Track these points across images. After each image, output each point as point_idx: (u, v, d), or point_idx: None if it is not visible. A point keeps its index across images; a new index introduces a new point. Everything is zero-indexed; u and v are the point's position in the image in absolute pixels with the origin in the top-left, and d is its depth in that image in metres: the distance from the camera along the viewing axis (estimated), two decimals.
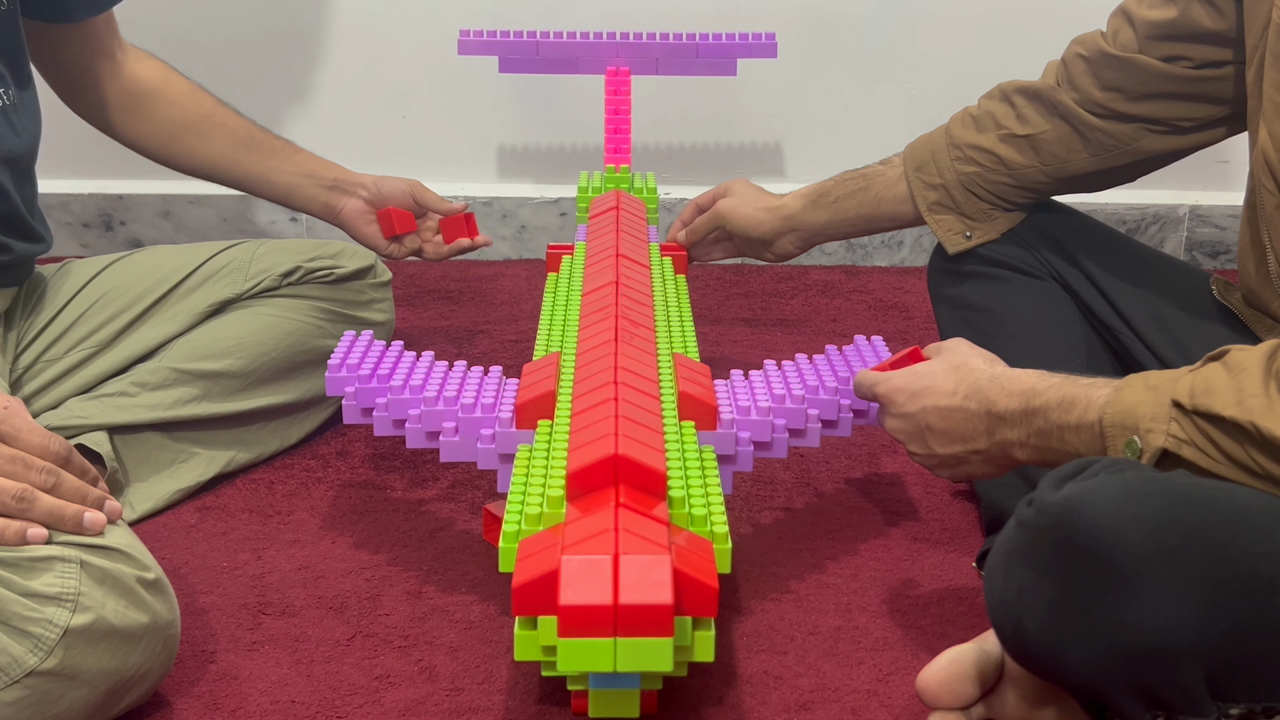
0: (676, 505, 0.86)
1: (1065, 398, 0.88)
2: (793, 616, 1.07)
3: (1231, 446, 0.78)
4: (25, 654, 0.82)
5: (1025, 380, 0.92)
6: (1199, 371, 0.81)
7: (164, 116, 1.39)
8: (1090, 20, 1.94)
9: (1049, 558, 0.74)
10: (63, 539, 0.86)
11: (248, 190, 1.46)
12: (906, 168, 1.27)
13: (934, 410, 0.96)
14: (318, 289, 1.35)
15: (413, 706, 0.95)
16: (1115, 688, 0.73)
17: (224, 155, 1.42)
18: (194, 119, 1.40)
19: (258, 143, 1.43)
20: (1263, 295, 1.06)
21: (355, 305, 1.39)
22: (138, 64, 1.39)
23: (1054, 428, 0.88)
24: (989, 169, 1.21)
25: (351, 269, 1.38)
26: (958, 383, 0.96)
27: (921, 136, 1.29)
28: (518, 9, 1.87)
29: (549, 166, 1.96)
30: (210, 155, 1.42)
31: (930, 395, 0.97)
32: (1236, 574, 0.70)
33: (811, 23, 1.89)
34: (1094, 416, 0.85)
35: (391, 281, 1.44)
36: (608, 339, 1.06)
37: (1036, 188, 1.21)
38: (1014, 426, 0.92)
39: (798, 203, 1.35)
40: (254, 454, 1.31)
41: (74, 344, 1.26)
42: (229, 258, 1.33)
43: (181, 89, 1.41)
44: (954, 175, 1.23)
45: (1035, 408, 0.90)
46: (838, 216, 1.33)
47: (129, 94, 1.38)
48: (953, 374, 0.96)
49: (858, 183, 1.32)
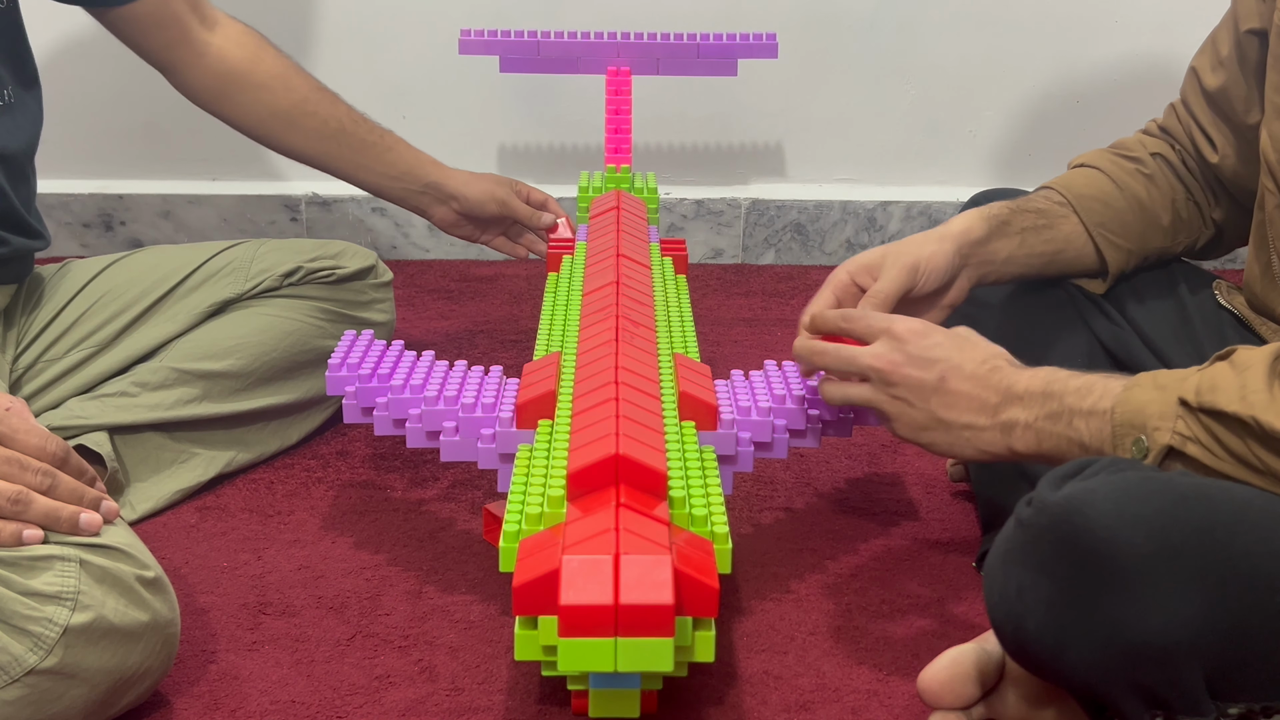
0: (677, 505, 0.86)
1: (1084, 384, 0.88)
2: (793, 616, 1.07)
3: (1234, 442, 0.78)
4: (25, 652, 0.82)
5: (1046, 368, 0.91)
6: (1206, 370, 0.82)
7: (253, 101, 1.36)
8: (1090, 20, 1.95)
9: (1049, 557, 0.74)
10: (62, 538, 0.86)
11: (344, 180, 1.44)
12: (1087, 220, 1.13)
13: (957, 368, 0.92)
14: (319, 289, 1.35)
15: (413, 706, 0.95)
16: (1115, 687, 0.73)
17: (312, 146, 1.39)
18: (284, 106, 1.37)
19: (348, 135, 1.39)
20: (1268, 298, 1.06)
21: (356, 305, 1.39)
22: (227, 42, 1.35)
23: (1066, 410, 0.87)
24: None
25: (352, 269, 1.37)
26: (984, 355, 0.93)
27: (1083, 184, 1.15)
28: (518, 9, 1.87)
29: (549, 166, 1.96)
30: (299, 145, 1.39)
31: (961, 352, 0.93)
32: (1237, 574, 0.70)
33: (812, 23, 1.89)
34: (1107, 404, 0.85)
35: (392, 282, 1.44)
36: (608, 339, 1.06)
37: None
38: (1027, 406, 0.89)
39: (979, 227, 1.10)
40: (254, 454, 1.31)
41: (74, 344, 1.26)
42: (230, 257, 1.33)
43: (273, 70, 1.37)
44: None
45: (1054, 390, 0.89)
46: (1022, 249, 1.11)
47: (218, 77, 1.35)
48: (975, 341, 0.95)
49: (1037, 218, 1.12)
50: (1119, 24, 1.90)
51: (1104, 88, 1.93)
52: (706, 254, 1.96)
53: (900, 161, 1.97)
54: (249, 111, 1.37)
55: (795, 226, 1.94)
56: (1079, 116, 1.94)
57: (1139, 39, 1.91)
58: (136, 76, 1.86)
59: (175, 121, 1.89)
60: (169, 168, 1.95)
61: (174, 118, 1.90)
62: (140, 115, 1.45)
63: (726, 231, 1.94)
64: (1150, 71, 1.92)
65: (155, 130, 1.92)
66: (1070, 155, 1.22)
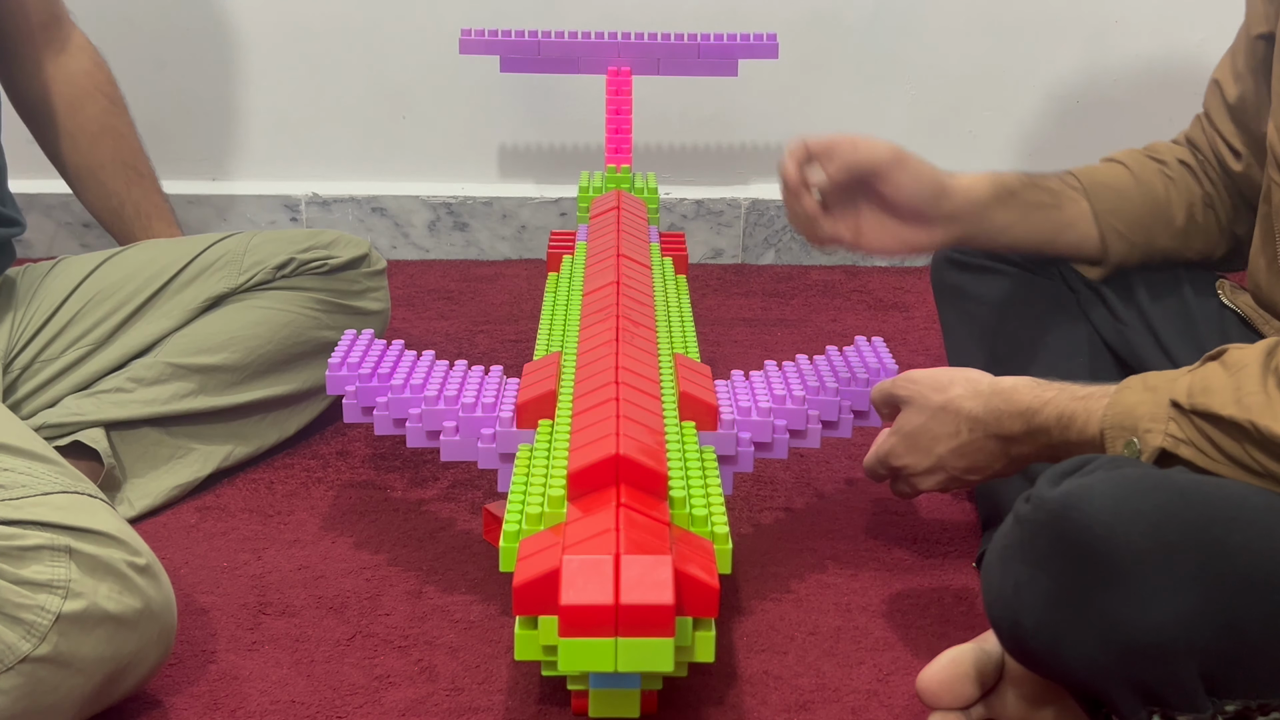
0: (677, 505, 0.86)
1: (1063, 414, 0.88)
2: (793, 616, 1.07)
3: (1230, 445, 0.78)
4: (18, 640, 0.82)
5: (1021, 399, 0.92)
6: (1197, 371, 0.82)
7: (54, 143, 1.40)
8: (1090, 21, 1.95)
9: (1046, 553, 0.74)
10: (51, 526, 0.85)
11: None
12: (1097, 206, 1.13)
13: (950, 454, 0.97)
14: (312, 280, 1.35)
15: (413, 706, 0.95)
16: (1111, 684, 0.73)
17: (93, 207, 1.42)
18: (79, 164, 1.40)
19: (122, 219, 1.42)
20: (1273, 292, 1.06)
21: (350, 295, 1.38)
22: (58, 74, 1.38)
23: (1060, 443, 0.89)
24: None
25: (346, 258, 1.37)
26: (954, 421, 0.96)
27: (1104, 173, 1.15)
28: (519, 8, 1.86)
29: (550, 166, 1.96)
30: (84, 199, 1.43)
31: (938, 443, 0.97)
32: (1234, 570, 0.70)
33: (812, 23, 1.89)
34: (1094, 431, 0.85)
35: (386, 270, 1.43)
36: (609, 339, 1.06)
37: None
38: (1023, 444, 0.93)
39: (984, 189, 1.10)
40: (253, 447, 1.31)
41: (70, 343, 1.26)
42: (222, 250, 1.33)
43: (85, 126, 1.39)
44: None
45: (1037, 426, 0.90)
46: (1023, 223, 1.11)
47: (34, 104, 1.38)
48: (943, 416, 0.97)
49: (1046, 196, 1.12)
50: (1119, 24, 1.90)
51: (1104, 88, 1.93)
52: (706, 254, 1.96)
53: None
54: (49, 147, 1.41)
55: None
56: (1079, 117, 1.94)
57: (1139, 39, 1.91)
58: (136, 76, 1.86)
59: (175, 121, 1.90)
60: (169, 168, 1.93)
61: (174, 118, 1.90)
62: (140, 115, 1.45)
63: (726, 231, 1.94)
64: (1150, 72, 1.92)
65: (155, 130, 1.91)
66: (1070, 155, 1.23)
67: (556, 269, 1.38)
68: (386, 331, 1.46)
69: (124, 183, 1.41)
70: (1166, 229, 1.14)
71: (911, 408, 1.00)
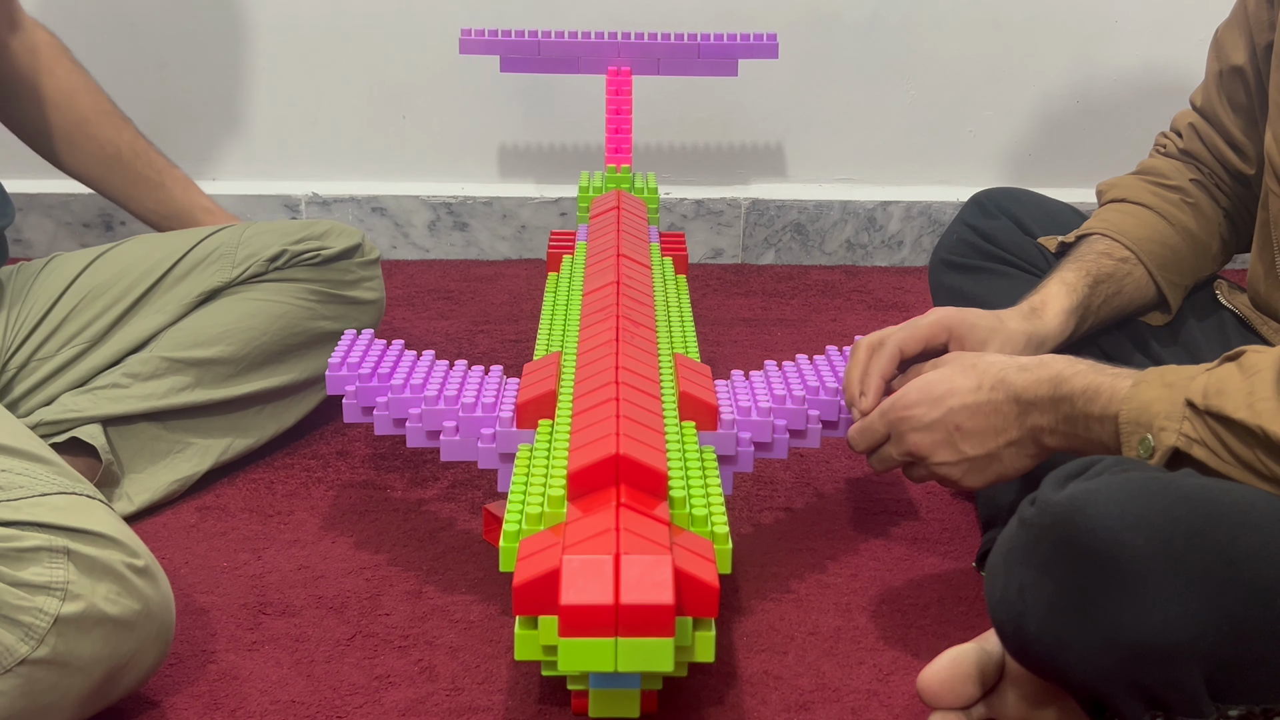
0: (677, 505, 0.86)
1: (1090, 386, 0.87)
2: (793, 616, 1.07)
3: (1241, 449, 0.78)
4: (17, 642, 0.82)
5: (1052, 365, 0.91)
6: (1214, 371, 0.81)
7: (34, 114, 1.37)
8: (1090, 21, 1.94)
9: (1051, 557, 0.73)
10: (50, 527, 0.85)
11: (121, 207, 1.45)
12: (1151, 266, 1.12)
13: (961, 409, 0.94)
14: (306, 271, 1.35)
15: (413, 706, 0.95)
16: (1115, 687, 0.73)
17: (86, 169, 1.41)
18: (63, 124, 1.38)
19: (123, 165, 1.41)
20: (1271, 298, 1.06)
21: (344, 285, 1.38)
22: (22, 49, 1.36)
23: (1080, 415, 0.88)
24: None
25: (339, 248, 1.37)
26: (980, 377, 0.94)
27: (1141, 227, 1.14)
28: (519, 8, 1.87)
29: (550, 166, 1.96)
30: (74, 165, 1.41)
31: (954, 395, 0.94)
32: (1239, 576, 0.70)
33: (812, 23, 1.89)
34: (1116, 409, 0.85)
35: (380, 259, 1.43)
36: (609, 339, 1.06)
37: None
38: (1043, 412, 0.91)
39: (1064, 323, 1.08)
40: (251, 439, 1.30)
41: (65, 340, 1.26)
42: (216, 243, 1.33)
43: (61, 87, 1.38)
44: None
45: (1062, 395, 0.89)
46: (1095, 321, 1.12)
47: (3, 82, 1.36)
48: (971, 372, 0.95)
49: (1111, 287, 1.12)
50: (1119, 25, 1.90)
51: (1104, 88, 1.93)
52: (706, 254, 1.96)
53: (900, 161, 1.97)
54: (28, 123, 1.39)
55: (795, 226, 1.94)
56: (1079, 117, 1.94)
57: (1139, 40, 1.91)
58: (136, 76, 1.86)
59: (175, 121, 1.89)
60: None
61: (174, 118, 1.90)
62: (139, 115, 1.45)
63: (726, 231, 1.94)
64: (1150, 72, 1.92)
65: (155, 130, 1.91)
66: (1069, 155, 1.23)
67: (556, 269, 1.38)
68: (382, 325, 1.45)
69: (113, 129, 1.40)
70: (1207, 258, 1.15)
71: (946, 366, 0.97)
